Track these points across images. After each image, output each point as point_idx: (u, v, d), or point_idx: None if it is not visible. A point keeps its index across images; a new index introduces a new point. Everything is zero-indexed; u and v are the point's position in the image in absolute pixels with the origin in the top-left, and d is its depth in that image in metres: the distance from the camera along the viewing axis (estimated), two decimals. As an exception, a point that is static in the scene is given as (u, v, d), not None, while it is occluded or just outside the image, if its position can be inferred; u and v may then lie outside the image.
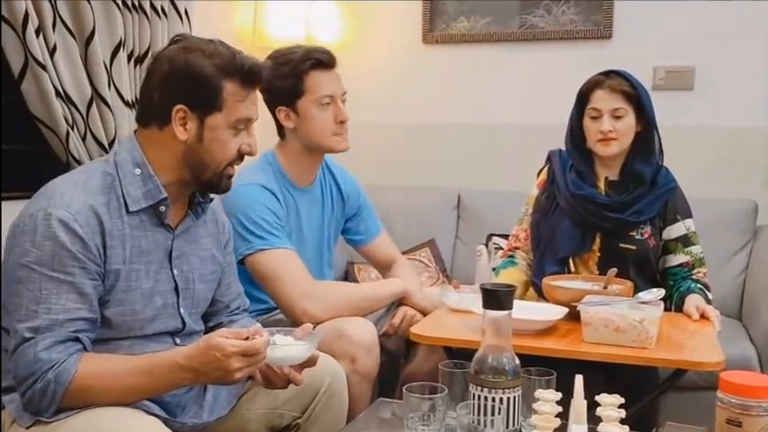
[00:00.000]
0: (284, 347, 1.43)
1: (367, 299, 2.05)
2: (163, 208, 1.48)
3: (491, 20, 3.27)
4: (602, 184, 2.17)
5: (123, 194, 1.44)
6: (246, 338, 1.33)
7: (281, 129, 2.13)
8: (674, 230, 2.15)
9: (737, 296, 2.82)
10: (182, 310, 1.54)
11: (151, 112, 1.48)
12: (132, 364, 1.37)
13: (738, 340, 2.48)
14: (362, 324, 1.94)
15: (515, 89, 3.26)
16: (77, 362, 1.33)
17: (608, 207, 2.11)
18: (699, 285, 2.09)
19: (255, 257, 1.95)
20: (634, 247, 2.09)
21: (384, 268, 2.30)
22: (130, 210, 1.44)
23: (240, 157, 1.52)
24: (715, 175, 2.98)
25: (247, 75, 1.47)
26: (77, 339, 1.35)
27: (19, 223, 1.39)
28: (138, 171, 1.46)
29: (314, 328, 1.87)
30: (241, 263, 1.93)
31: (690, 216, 2.17)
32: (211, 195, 1.60)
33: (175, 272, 1.52)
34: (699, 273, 2.14)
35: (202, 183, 1.51)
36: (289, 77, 2.03)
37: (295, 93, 2.04)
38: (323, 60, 2.04)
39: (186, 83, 1.44)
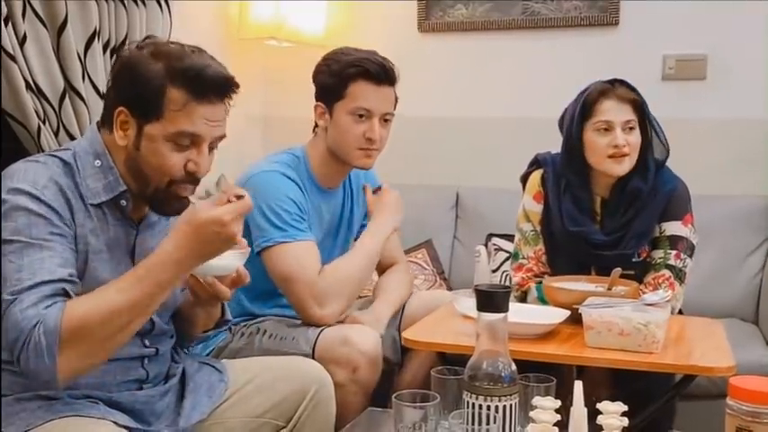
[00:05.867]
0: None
1: (366, 270, 2.11)
2: (124, 202, 1.47)
3: (491, 6, 3.27)
4: (597, 207, 2.14)
5: (83, 186, 1.44)
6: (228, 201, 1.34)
7: (316, 123, 2.14)
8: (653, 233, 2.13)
9: (753, 299, 2.82)
10: None
11: (104, 111, 1.48)
12: (120, 281, 1.33)
13: (755, 346, 2.48)
14: (368, 333, 1.96)
15: (517, 80, 3.25)
16: (61, 310, 1.28)
17: (604, 246, 2.09)
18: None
19: (274, 251, 1.99)
20: (633, 272, 2.07)
21: (381, 269, 2.29)
22: (90, 203, 1.44)
23: (189, 176, 1.43)
24: (728, 171, 2.99)
25: (197, 83, 1.38)
26: (64, 292, 1.32)
27: None
28: (98, 162, 1.46)
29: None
30: (258, 254, 1.98)
31: (676, 219, 2.10)
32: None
33: None
34: (647, 279, 2.10)
35: (147, 198, 1.47)
36: (334, 77, 2.04)
37: (335, 94, 2.05)
38: (371, 72, 2.02)
39: (128, 83, 1.42)
